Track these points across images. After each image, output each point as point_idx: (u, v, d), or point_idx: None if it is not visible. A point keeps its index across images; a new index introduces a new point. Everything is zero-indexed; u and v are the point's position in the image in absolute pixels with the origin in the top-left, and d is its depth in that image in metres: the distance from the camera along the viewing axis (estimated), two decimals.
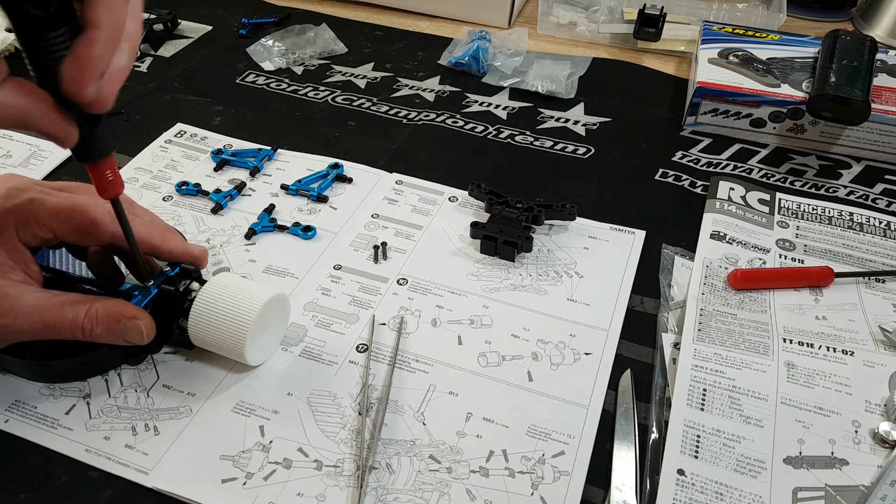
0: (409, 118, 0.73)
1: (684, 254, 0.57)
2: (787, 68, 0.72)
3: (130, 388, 0.46)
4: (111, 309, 0.42)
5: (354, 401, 0.46)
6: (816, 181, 0.67)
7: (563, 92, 0.76)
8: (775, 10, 0.86)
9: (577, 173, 0.67)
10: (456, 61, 0.80)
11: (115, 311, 0.43)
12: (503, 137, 0.71)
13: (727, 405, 0.46)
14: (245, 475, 0.42)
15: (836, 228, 0.60)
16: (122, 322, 0.42)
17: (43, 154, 0.66)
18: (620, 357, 0.50)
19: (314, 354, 0.49)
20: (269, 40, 0.84)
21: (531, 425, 0.45)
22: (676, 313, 0.53)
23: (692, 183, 0.66)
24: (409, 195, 0.63)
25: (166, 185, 0.63)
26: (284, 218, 0.60)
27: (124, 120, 0.71)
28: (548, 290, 0.54)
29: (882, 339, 0.51)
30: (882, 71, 0.72)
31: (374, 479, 0.42)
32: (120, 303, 0.43)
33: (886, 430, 0.44)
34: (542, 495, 0.41)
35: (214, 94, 0.76)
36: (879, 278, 0.56)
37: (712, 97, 0.70)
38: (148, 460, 0.42)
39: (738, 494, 0.41)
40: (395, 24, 0.91)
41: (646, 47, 0.87)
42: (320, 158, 0.66)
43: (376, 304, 0.53)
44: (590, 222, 0.60)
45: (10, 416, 0.44)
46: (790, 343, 0.50)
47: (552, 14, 0.89)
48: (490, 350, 0.50)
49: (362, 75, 0.80)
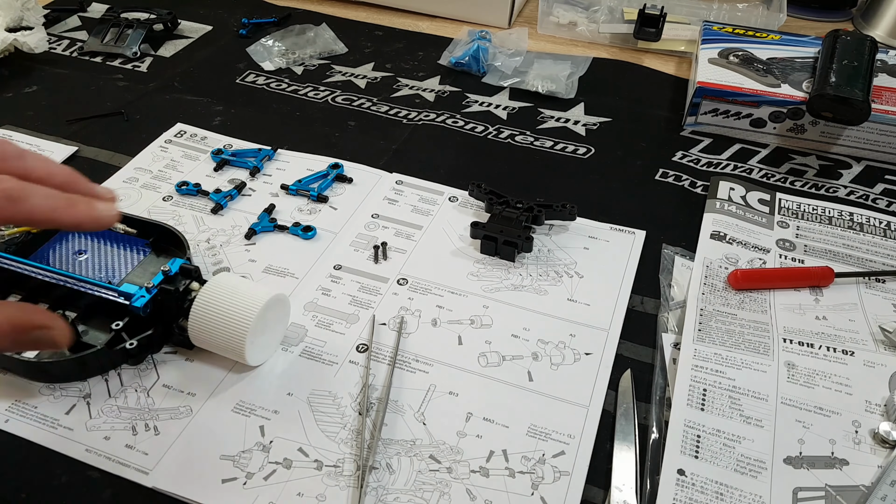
0: (409, 118, 0.73)
1: (684, 254, 0.57)
2: (787, 68, 0.72)
3: (130, 388, 0.46)
4: (15, 319, 0.35)
5: (354, 401, 0.46)
6: (816, 181, 0.67)
7: (563, 92, 0.76)
8: (775, 10, 0.86)
9: (577, 173, 0.67)
10: (456, 61, 0.80)
11: (21, 321, 0.35)
12: (503, 137, 0.71)
13: (727, 405, 0.46)
14: (245, 475, 0.42)
15: (836, 228, 0.60)
16: (32, 333, 0.35)
17: (42, 154, 0.66)
18: (620, 357, 0.50)
19: (314, 354, 0.49)
20: (269, 40, 0.84)
21: (531, 425, 0.45)
22: (676, 313, 0.53)
23: (692, 183, 0.66)
24: (409, 195, 0.63)
25: (166, 185, 0.63)
26: (284, 218, 0.60)
27: (124, 120, 0.71)
28: (548, 290, 0.54)
29: (882, 339, 0.51)
30: (882, 71, 0.72)
31: (375, 479, 0.42)
32: (27, 310, 0.36)
33: (887, 430, 0.44)
34: (543, 495, 0.41)
35: (214, 94, 0.76)
36: (880, 278, 0.55)
37: (712, 97, 0.70)
38: (148, 460, 0.42)
39: (738, 494, 0.41)
40: (395, 24, 0.91)
41: (646, 47, 0.87)
42: (320, 158, 0.66)
43: (376, 304, 0.53)
44: (590, 222, 0.60)
45: (10, 416, 0.44)
46: (790, 343, 0.50)
47: (552, 14, 0.89)
48: (490, 350, 0.50)
49: (362, 75, 0.80)
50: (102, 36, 0.83)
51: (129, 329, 0.47)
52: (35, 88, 0.75)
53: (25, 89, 0.75)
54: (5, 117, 0.71)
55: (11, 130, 0.69)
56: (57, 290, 0.50)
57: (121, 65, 0.80)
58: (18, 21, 0.84)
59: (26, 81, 0.76)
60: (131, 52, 0.81)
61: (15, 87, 0.75)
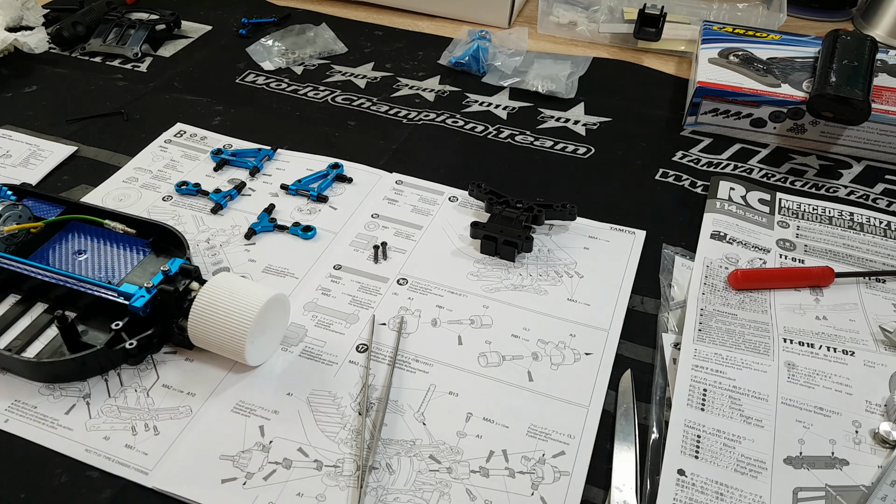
0: (409, 118, 0.73)
1: (685, 254, 0.57)
2: (787, 68, 0.72)
3: (130, 388, 0.46)
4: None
5: (354, 401, 0.46)
6: (817, 181, 0.67)
7: (563, 92, 0.76)
8: (775, 10, 0.86)
9: (577, 173, 0.67)
10: (456, 61, 0.80)
11: None
12: (503, 137, 0.71)
13: (727, 405, 0.46)
14: (245, 475, 0.42)
15: (836, 228, 0.60)
16: None
17: (42, 154, 0.66)
18: (621, 357, 0.50)
19: (314, 354, 0.49)
20: (269, 40, 0.84)
21: (531, 425, 0.45)
22: (677, 313, 0.53)
23: (692, 183, 0.66)
24: (409, 195, 0.63)
25: (166, 185, 0.63)
26: (284, 218, 0.60)
27: (124, 120, 0.71)
28: (548, 290, 0.54)
29: (882, 339, 0.51)
30: (882, 71, 0.72)
31: (374, 479, 0.42)
32: None
33: (887, 430, 0.44)
34: (543, 495, 0.41)
35: (214, 94, 0.76)
36: (880, 278, 0.55)
37: (712, 97, 0.70)
38: (148, 460, 0.42)
39: (738, 494, 0.41)
40: (395, 24, 0.91)
41: (646, 47, 0.87)
42: (320, 158, 0.66)
43: (376, 304, 0.53)
44: (590, 222, 0.60)
45: (9, 416, 0.44)
46: (790, 343, 0.50)
47: (552, 14, 0.89)
48: (490, 350, 0.50)
49: (362, 75, 0.80)
50: (105, 36, 0.83)
51: (129, 329, 0.47)
52: (35, 88, 0.75)
53: (25, 89, 0.75)
54: (5, 117, 0.71)
55: (11, 130, 0.69)
56: (56, 290, 0.50)
57: (121, 65, 0.80)
58: (18, 21, 0.84)
59: (26, 81, 0.76)
60: (133, 52, 0.81)
61: (15, 87, 0.75)
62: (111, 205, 0.60)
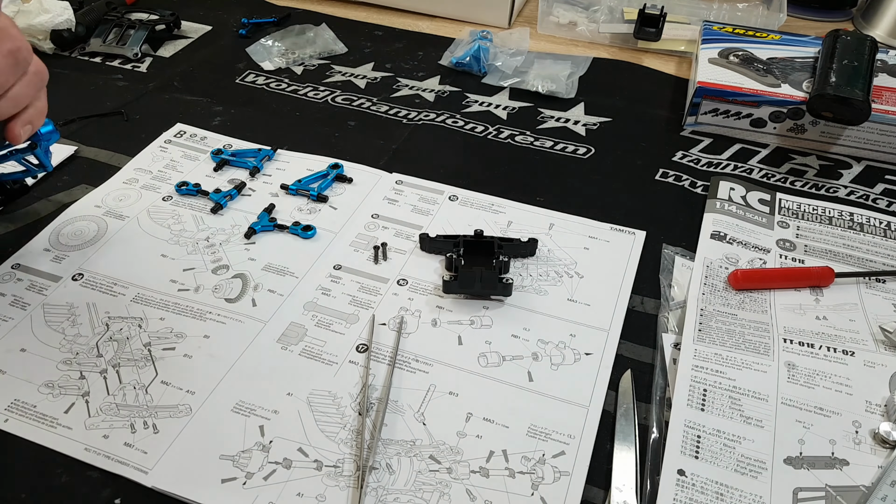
0: (409, 118, 0.73)
1: (685, 254, 0.57)
2: (787, 68, 0.72)
3: (129, 385, 0.46)
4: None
5: (354, 401, 0.46)
6: (817, 181, 0.67)
7: (563, 92, 0.76)
8: (775, 10, 0.86)
9: (577, 173, 0.67)
10: (457, 61, 0.80)
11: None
12: (503, 137, 0.71)
13: (727, 405, 0.46)
14: (245, 475, 0.42)
15: (836, 228, 0.60)
16: None
17: None
18: (621, 357, 0.50)
19: (314, 354, 0.49)
20: (269, 40, 0.84)
21: (531, 425, 0.45)
22: (677, 313, 0.53)
23: (692, 183, 0.66)
24: (409, 195, 0.63)
25: (166, 185, 0.63)
26: (284, 218, 0.60)
27: (124, 120, 0.71)
28: (548, 291, 0.54)
29: (882, 339, 0.51)
30: (882, 71, 0.72)
31: (374, 480, 0.42)
32: None
33: (887, 430, 0.44)
34: (543, 495, 0.41)
35: (214, 94, 0.76)
36: (880, 278, 0.55)
37: (712, 97, 0.70)
38: (147, 459, 0.42)
39: (738, 495, 0.41)
40: (395, 24, 0.91)
41: (646, 47, 0.87)
42: (320, 158, 0.66)
43: (376, 305, 0.53)
44: (590, 222, 0.60)
45: (9, 416, 0.44)
46: (790, 343, 0.50)
47: (552, 14, 0.89)
48: (490, 350, 0.49)
49: (362, 75, 0.80)
50: (104, 36, 0.83)
51: None
52: None
53: None
54: None
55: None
56: None
57: (120, 65, 0.80)
58: None
59: None
60: (132, 52, 0.81)
61: None
62: (111, 205, 0.60)
